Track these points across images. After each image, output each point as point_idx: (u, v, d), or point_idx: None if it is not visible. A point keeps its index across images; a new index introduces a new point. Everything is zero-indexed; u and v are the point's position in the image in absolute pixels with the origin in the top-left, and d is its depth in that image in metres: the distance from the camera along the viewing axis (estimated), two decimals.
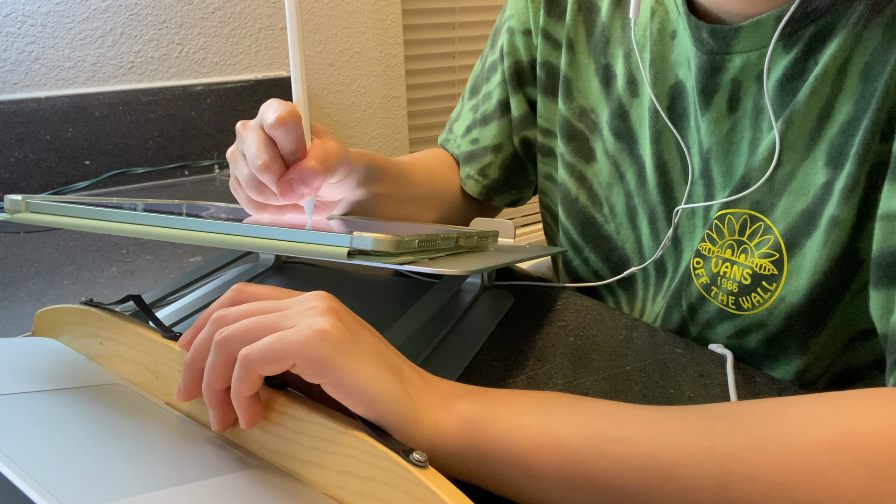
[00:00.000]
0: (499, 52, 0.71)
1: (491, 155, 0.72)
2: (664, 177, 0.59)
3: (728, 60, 0.51)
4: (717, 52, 0.51)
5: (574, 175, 0.66)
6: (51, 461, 0.30)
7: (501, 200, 0.76)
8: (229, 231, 0.38)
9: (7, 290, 0.64)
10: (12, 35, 1.00)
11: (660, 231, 0.60)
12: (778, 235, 0.50)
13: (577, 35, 0.64)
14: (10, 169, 1.00)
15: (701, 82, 0.53)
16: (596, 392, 0.47)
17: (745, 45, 0.50)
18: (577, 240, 0.67)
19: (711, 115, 0.53)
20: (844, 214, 0.46)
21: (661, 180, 0.59)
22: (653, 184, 0.59)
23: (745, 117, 0.52)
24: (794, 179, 0.49)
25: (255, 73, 1.23)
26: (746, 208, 0.51)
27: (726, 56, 0.51)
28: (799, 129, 0.48)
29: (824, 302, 0.49)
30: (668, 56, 0.56)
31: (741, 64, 0.51)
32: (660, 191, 0.59)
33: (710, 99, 0.53)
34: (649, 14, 0.58)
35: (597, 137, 0.64)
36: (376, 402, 0.32)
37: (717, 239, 0.53)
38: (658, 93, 0.57)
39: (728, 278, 0.53)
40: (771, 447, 0.30)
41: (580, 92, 0.64)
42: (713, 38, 0.51)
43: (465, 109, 0.75)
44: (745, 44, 0.50)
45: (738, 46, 0.50)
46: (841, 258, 0.47)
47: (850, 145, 0.45)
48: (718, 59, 0.52)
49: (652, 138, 0.58)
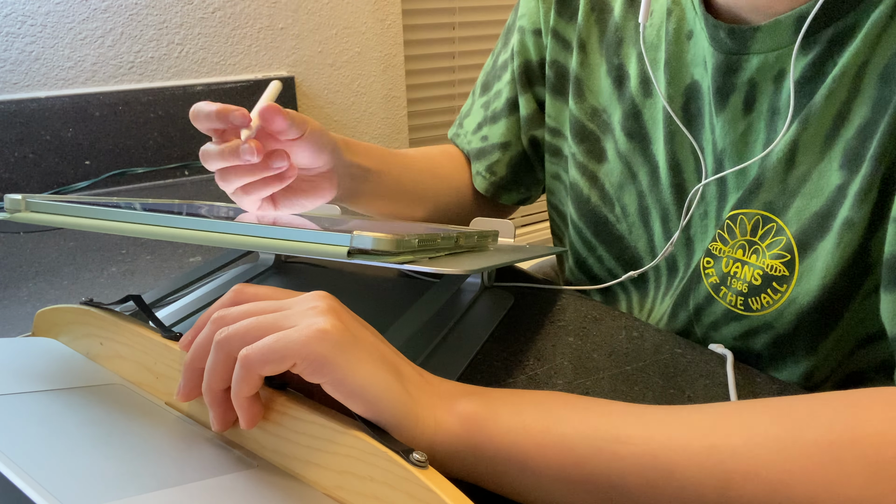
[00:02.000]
0: (510, 51, 0.71)
1: (499, 152, 0.73)
2: (678, 177, 0.59)
3: (745, 61, 0.51)
4: (734, 52, 0.51)
5: (586, 175, 0.66)
6: (51, 461, 0.30)
7: (509, 198, 0.76)
8: (229, 231, 0.38)
9: (7, 290, 0.64)
10: (12, 35, 1.00)
11: (672, 231, 0.60)
12: (790, 237, 0.49)
13: (589, 35, 0.64)
14: (10, 169, 1.00)
15: (717, 82, 0.53)
16: (596, 392, 0.47)
17: (762, 46, 0.50)
18: (591, 239, 0.67)
19: (727, 115, 0.53)
20: (858, 217, 0.46)
21: (674, 180, 0.59)
22: (666, 184, 0.59)
23: (760, 119, 0.52)
24: (808, 181, 0.48)
25: (255, 73, 1.23)
26: (759, 209, 0.51)
27: (743, 56, 0.51)
28: (815, 130, 0.47)
29: (834, 304, 0.49)
30: (684, 56, 0.56)
31: (758, 64, 0.50)
32: (673, 191, 0.59)
33: (726, 99, 0.53)
34: (665, 14, 0.57)
35: (609, 137, 0.64)
36: (376, 401, 0.32)
37: (729, 239, 0.53)
38: (673, 93, 0.57)
39: (738, 278, 0.53)
40: (771, 446, 0.30)
41: (592, 92, 0.65)
42: (731, 38, 0.51)
43: (477, 106, 0.76)
44: (763, 44, 0.50)
45: (756, 47, 0.50)
46: (853, 261, 0.47)
47: (866, 148, 0.45)
48: (735, 59, 0.51)
49: (666, 138, 0.58)
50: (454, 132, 0.78)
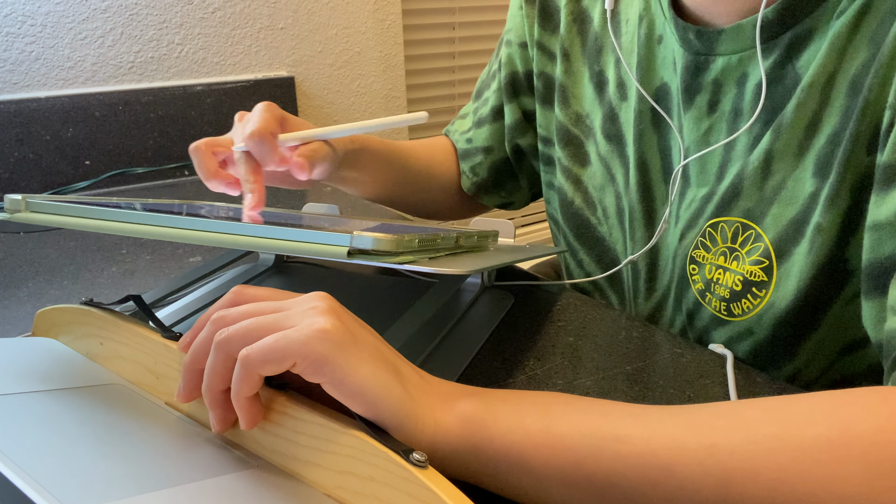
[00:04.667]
0: (497, 63, 0.75)
1: (482, 155, 0.76)
2: (644, 176, 0.60)
3: (711, 62, 0.53)
4: (701, 52, 0.54)
5: (570, 179, 0.68)
6: (51, 461, 0.30)
7: (490, 200, 0.80)
8: (229, 231, 0.38)
9: (7, 290, 0.64)
10: (12, 35, 1.00)
11: (636, 230, 0.62)
12: (768, 243, 0.51)
13: (571, 45, 0.67)
14: (10, 169, 1.00)
15: (685, 81, 0.55)
16: (596, 392, 0.47)
17: (726, 48, 0.52)
18: (573, 242, 0.69)
19: (692, 114, 0.55)
20: (827, 222, 0.47)
21: (641, 179, 0.61)
22: (633, 182, 0.61)
23: (722, 119, 0.54)
24: (783, 189, 0.50)
25: (255, 73, 1.23)
26: (739, 216, 0.53)
27: (710, 57, 0.53)
28: (787, 139, 0.49)
29: (812, 308, 0.50)
30: (655, 60, 0.59)
31: (722, 65, 0.53)
32: (639, 189, 0.61)
33: (693, 98, 0.55)
34: (637, 20, 0.60)
35: (591, 142, 0.66)
36: (376, 401, 0.32)
37: (711, 246, 0.55)
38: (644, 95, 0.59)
39: (721, 285, 0.54)
40: (770, 444, 0.30)
41: (576, 98, 0.67)
42: (699, 39, 0.53)
43: (469, 111, 0.80)
44: (727, 46, 0.52)
45: (720, 49, 0.52)
46: (826, 265, 0.48)
47: (834, 156, 0.47)
48: (703, 59, 0.54)
49: (635, 139, 0.60)
50: (448, 129, 0.81)
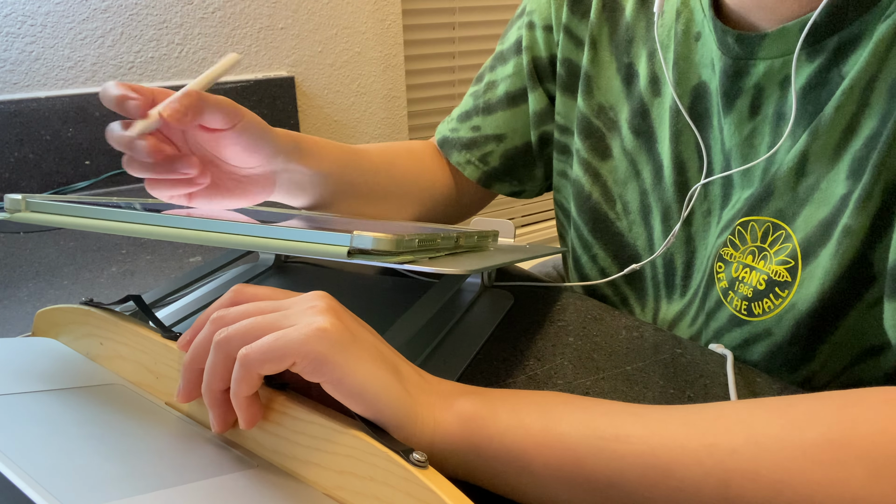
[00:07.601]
0: (513, 45, 0.71)
1: (493, 144, 0.72)
2: (681, 175, 0.59)
3: (752, 66, 0.52)
4: (741, 57, 0.52)
5: (589, 171, 0.66)
6: (51, 461, 0.30)
7: (501, 188, 0.75)
8: (229, 231, 0.38)
9: (7, 290, 0.64)
10: (12, 35, 1.00)
11: (672, 228, 0.61)
12: (796, 243, 0.50)
13: (600, 33, 0.64)
14: (10, 169, 1.00)
15: (724, 85, 0.53)
16: (596, 392, 0.47)
17: (769, 52, 0.50)
18: (587, 236, 0.67)
19: (733, 117, 0.54)
20: (857, 224, 0.46)
21: (678, 178, 0.59)
22: (669, 182, 0.60)
23: (765, 123, 0.52)
24: (817, 190, 0.49)
25: (255, 73, 1.23)
26: (770, 216, 0.52)
27: (750, 62, 0.52)
28: (825, 142, 0.48)
29: (832, 311, 0.49)
30: (692, 57, 0.57)
31: (764, 70, 0.51)
32: (676, 188, 0.60)
33: (733, 102, 0.53)
34: (674, 15, 0.58)
35: (614, 135, 0.64)
36: (376, 400, 0.32)
37: (740, 244, 0.54)
38: (680, 92, 0.58)
39: (745, 283, 0.53)
40: (771, 445, 0.30)
41: (600, 89, 0.65)
42: (738, 44, 0.52)
43: (466, 96, 0.75)
44: (770, 50, 0.50)
45: (763, 53, 0.51)
46: (851, 268, 0.47)
47: (869, 158, 0.46)
48: (743, 64, 0.52)
49: (672, 136, 0.59)
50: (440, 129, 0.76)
